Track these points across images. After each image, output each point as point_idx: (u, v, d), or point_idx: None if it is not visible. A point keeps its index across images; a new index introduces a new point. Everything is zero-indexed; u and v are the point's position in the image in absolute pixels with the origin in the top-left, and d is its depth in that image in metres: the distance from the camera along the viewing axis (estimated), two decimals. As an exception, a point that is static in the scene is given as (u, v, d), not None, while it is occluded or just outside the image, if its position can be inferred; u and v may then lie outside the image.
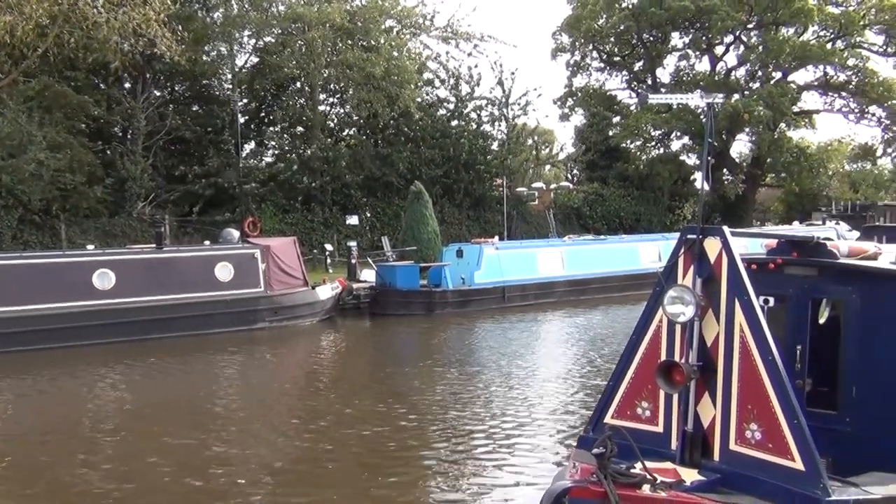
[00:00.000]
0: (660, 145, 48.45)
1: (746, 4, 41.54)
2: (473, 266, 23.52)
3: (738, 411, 4.80)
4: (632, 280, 25.12)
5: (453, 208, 36.14)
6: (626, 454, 4.55)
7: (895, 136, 46.57)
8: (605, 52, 48.29)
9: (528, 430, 10.47)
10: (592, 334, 19.29)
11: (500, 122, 39.63)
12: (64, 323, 17.09)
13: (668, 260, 5.28)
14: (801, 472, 4.45)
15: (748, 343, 4.75)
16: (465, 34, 34.75)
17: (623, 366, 5.47)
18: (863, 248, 6.20)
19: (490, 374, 14.34)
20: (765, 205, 56.78)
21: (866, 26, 44.92)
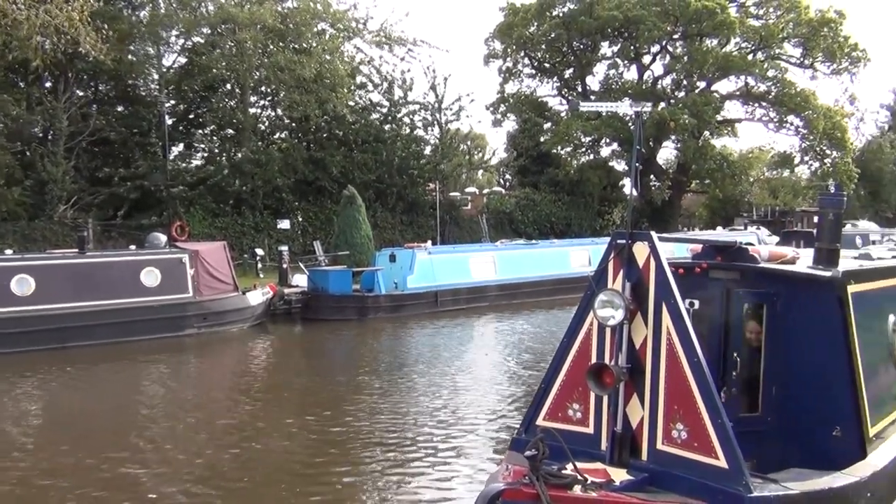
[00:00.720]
0: (590, 151, 49.37)
1: (672, 16, 42.69)
2: (406, 271, 23.51)
3: (665, 412, 4.92)
4: (563, 284, 25.46)
5: (386, 213, 36.07)
6: (558, 455, 4.60)
7: (811, 146, 48.44)
8: (537, 59, 48.94)
9: (461, 435, 10.50)
10: (524, 338, 19.48)
11: (434, 127, 39.79)
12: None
13: (598, 264, 5.38)
14: (725, 470, 4.59)
15: (675, 345, 4.88)
16: (398, 38, 34.79)
17: (554, 368, 5.55)
18: (782, 252, 6.45)
19: (422, 379, 14.34)
20: (690, 210, 58.39)
21: (785, 39, 46.73)
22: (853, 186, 48.80)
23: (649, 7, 42.11)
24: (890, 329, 6.61)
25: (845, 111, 50.91)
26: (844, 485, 5.02)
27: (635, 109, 5.41)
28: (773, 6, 46.58)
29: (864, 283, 6.21)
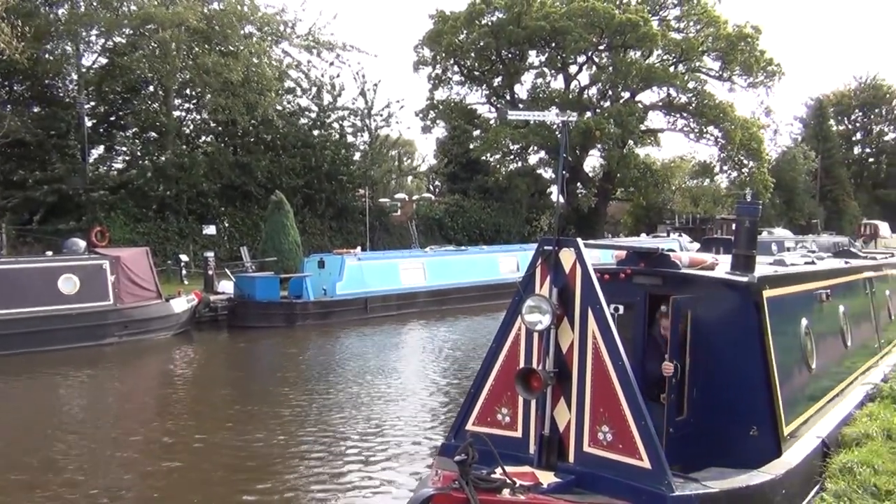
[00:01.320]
0: (518, 159, 50.01)
1: (597, 27, 43.64)
2: (335, 277, 23.33)
3: (591, 415, 5.01)
4: (491, 290, 25.69)
5: (315, 218, 35.70)
6: (487, 460, 4.64)
7: (730, 156, 50.19)
8: (466, 67, 49.32)
9: (391, 442, 10.48)
10: (453, 344, 19.55)
11: (363, 133, 39.62)
12: None
13: (525, 270, 5.46)
14: (648, 470, 4.71)
15: (600, 349, 4.99)
16: (326, 43, 34.52)
17: (483, 373, 5.59)
18: (702, 258, 6.67)
19: (351, 386, 14.22)
20: (615, 217, 59.65)
21: (704, 52, 48.33)
22: (769, 195, 50.78)
23: (575, 18, 42.95)
24: (802, 332, 6.90)
25: (761, 123, 52.94)
26: (761, 482, 5.21)
27: (562, 119, 5.51)
28: (693, 20, 48.17)
29: (778, 288, 6.47)
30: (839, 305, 8.26)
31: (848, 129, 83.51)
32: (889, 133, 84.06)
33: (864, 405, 7.93)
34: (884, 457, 6.31)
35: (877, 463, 6.11)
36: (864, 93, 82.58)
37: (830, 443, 6.62)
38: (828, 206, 69.56)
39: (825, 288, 7.78)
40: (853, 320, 8.84)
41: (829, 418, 7.10)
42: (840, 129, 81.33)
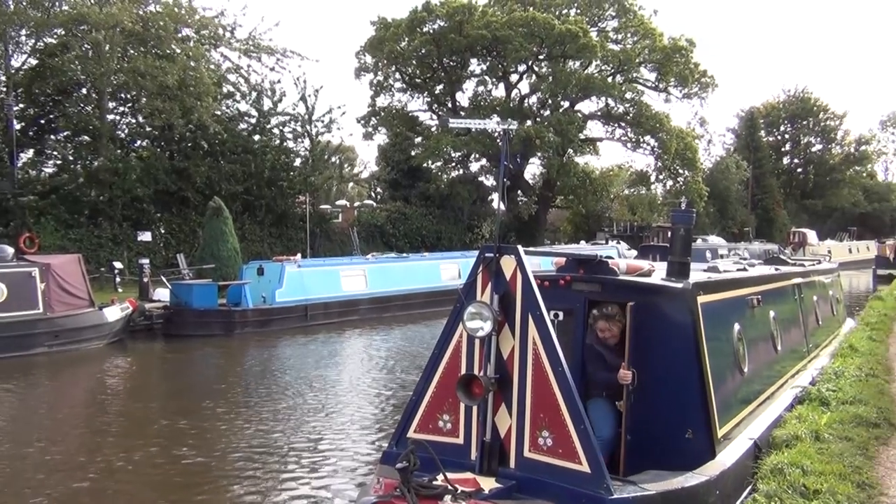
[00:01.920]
0: (459, 166, 50.25)
1: (538, 37, 44.20)
2: (275, 284, 23.03)
3: (531, 420, 5.06)
4: (433, 297, 25.70)
5: (254, 225, 35.22)
6: (429, 467, 4.65)
7: (666, 165, 51.36)
8: (408, 74, 49.38)
9: (332, 452, 10.38)
10: (395, 351, 19.50)
11: (304, 139, 39.31)
12: None
13: (467, 277, 5.48)
14: (587, 474, 4.77)
15: (540, 355, 5.04)
16: (267, 48, 34.14)
17: (425, 380, 5.59)
18: (639, 265, 6.79)
19: (291, 395, 14.05)
20: (555, 224, 60.41)
21: (641, 64, 49.45)
22: (703, 204, 52.14)
23: (516, 28, 43.44)
24: (735, 337, 7.09)
25: (696, 133, 54.48)
26: (696, 484, 5.33)
27: (503, 127, 5.55)
28: (630, 32, 49.25)
29: (712, 294, 6.64)
30: (770, 311, 8.51)
31: (777, 140, 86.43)
32: (816, 145, 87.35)
33: (793, 407, 8.17)
34: (812, 457, 6.51)
35: (805, 463, 6.30)
36: (792, 105, 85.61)
37: (762, 444, 6.80)
38: (759, 215, 71.79)
39: (757, 294, 8.01)
40: (783, 325, 9.12)
41: (760, 420, 7.30)
42: (770, 140, 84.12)
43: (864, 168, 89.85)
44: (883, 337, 15.44)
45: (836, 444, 7.08)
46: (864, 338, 13.68)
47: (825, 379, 9.52)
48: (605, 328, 6.16)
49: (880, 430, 8.20)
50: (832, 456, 6.73)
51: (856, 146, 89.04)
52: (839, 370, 10.03)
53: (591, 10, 49.28)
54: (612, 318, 6.14)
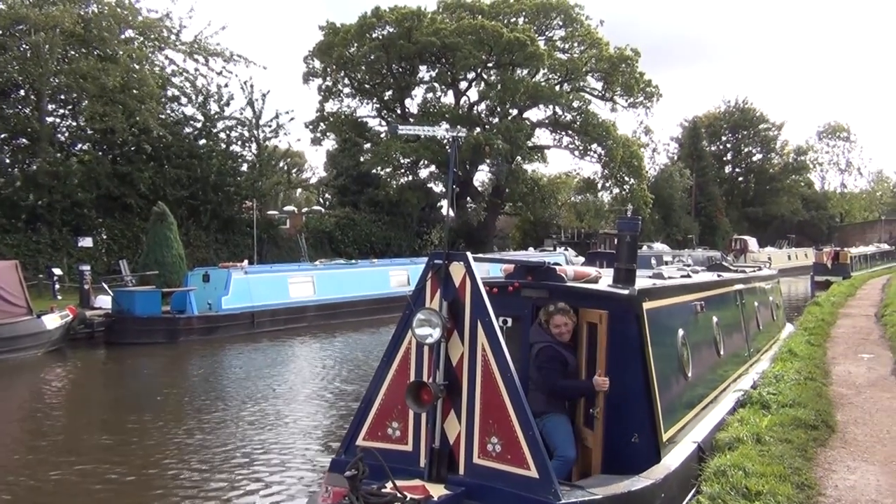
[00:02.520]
0: (409, 173, 50.30)
1: (486, 45, 44.54)
2: (221, 291, 22.68)
3: (480, 426, 5.07)
4: (382, 304, 25.62)
5: (200, 231, 34.62)
6: (378, 475, 4.62)
7: (612, 173, 52.18)
8: (357, 80, 49.25)
9: (280, 461, 10.23)
10: (343, 358, 19.35)
11: (251, 144, 38.82)
12: None
13: (416, 284, 5.47)
14: (536, 480, 4.80)
15: (489, 362, 5.05)
16: (213, 51, 33.66)
17: (374, 388, 5.56)
18: (586, 271, 6.87)
19: (236, 404, 13.78)
20: (504, 231, 60.83)
21: (588, 73, 50.22)
22: (648, 211, 53.11)
23: (465, 35, 43.71)
24: (679, 342, 7.21)
25: (641, 142, 55.42)
26: (642, 487, 5.40)
27: (452, 134, 5.57)
28: (577, 42, 49.97)
29: (657, 300, 6.74)
30: (713, 316, 8.68)
31: (720, 149, 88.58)
32: (756, 154, 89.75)
33: (735, 411, 8.34)
34: (754, 459, 6.66)
35: (747, 465, 6.44)
36: (733, 116, 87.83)
37: (705, 447, 6.93)
38: (702, 222, 73.37)
39: (700, 300, 8.16)
40: (725, 330, 9.31)
41: (704, 424, 7.43)
42: (713, 149, 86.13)
43: (802, 177, 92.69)
44: (820, 341, 15.90)
45: (776, 447, 7.25)
46: (803, 342, 14.06)
47: (766, 383, 9.75)
48: (562, 322, 6.02)
49: (818, 431, 8.43)
50: (773, 458, 6.89)
51: (794, 156, 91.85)
52: (779, 374, 10.28)
53: (538, 19, 49.86)
54: (568, 312, 6.03)
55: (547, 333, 6.06)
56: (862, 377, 12.47)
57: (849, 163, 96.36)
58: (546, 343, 6.01)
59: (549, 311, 6.07)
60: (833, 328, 19.36)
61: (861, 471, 7.37)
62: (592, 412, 5.94)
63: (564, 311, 6.03)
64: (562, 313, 6.03)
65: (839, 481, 7.04)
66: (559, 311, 6.03)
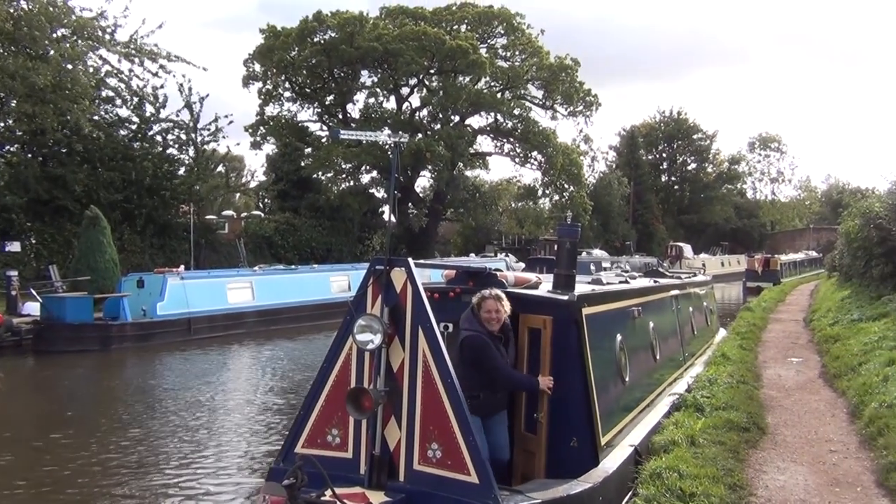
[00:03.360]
0: (350, 178, 50.00)
1: (429, 51, 44.66)
2: (156, 297, 22.16)
3: (421, 432, 5.06)
4: (323, 309, 25.40)
5: (135, 235, 33.74)
6: (317, 483, 4.57)
7: (552, 180, 52.82)
8: (298, 84, 48.80)
9: (217, 470, 10.03)
10: (283, 365, 19.12)
11: (189, 147, 38.03)
12: None
13: (357, 290, 5.45)
14: (476, 485, 4.81)
15: (430, 367, 5.05)
16: (149, 52, 32.88)
17: (313, 394, 5.51)
18: (527, 277, 6.93)
19: (171, 413, 13.46)
20: (445, 237, 61.01)
21: (529, 81, 50.79)
22: (587, 218, 53.92)
23: (407, 42, 43.76)
24: (617, 347, 7.33)
25: (581, 150, 56.26)
26: (580, 491, 5.46)
27: (394, 139, 5.57)
28: (518, 50, 50.50)
29: (595, 305, 6.84)
30: (649, 322, 8.85)
31: (656, 158, 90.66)
32: (691, 163, 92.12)
33: (671, 414, 8.51)
34: (688, 462, 6.80)
35: (682, 468, 6.57)
36: (668, 126, 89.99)
37: (642, 450, 7.05)
38: (639, 229, 74.90)
39: (637, 305, 8.32)
40: (661, 335, 9.51)
41: (640, 427, 7.56)
42: (649, 158, 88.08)
43: (734, 186, 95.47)
44: (752, 346, 16.37)
45: (710, 449, 7.42)
46: (735, 346, 14.45)
47: (700, 386, 9.98)
48: (493, 308, 5.85)
49: (750, 433, 8.66)
50: (706, 460, 7.05)
51: (727, 165, 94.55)
52: (712, 377, 10.54)
53: (480, 27, 50.22)
54: (501, 300, 5.90)
55: (476, 320, 5.88)
56: (791, 380, 12.88)
57: (779, 172, 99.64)
58: (474, 332, 5.83)
59: (484, 295, 5.90)
60: (764, 333, 19.95)
61: (790, 471, 7.61)
62: (536, 417, 5.99)
63: (498, 298, 5.88)
64: (495, 299, 5.87)
65: (769, 481, 7.24)
66: (493, 297, 5.88)
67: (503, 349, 5.91)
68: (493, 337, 5.84)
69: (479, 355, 5.74)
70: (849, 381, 11.55)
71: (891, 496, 6.77)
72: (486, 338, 5.77)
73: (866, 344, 13.58)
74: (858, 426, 9.25)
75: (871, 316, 17.11)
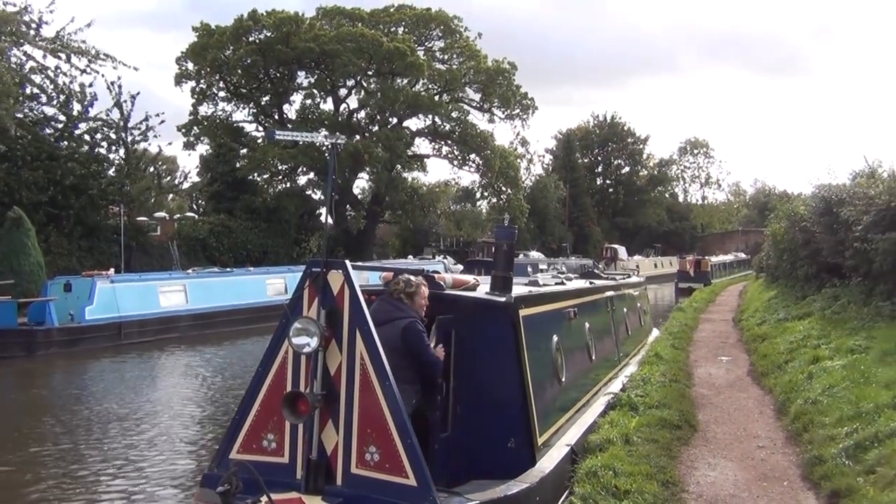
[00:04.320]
0: (287, 179, 49.43)
1: (366, 53, 44.46)
2: (84, 301, 21.48)
3: (358, 436, 5.02)
4: (259, 313, 25.02)
5: (62, 237, 32.63)
6: (252, 489, 4.49)
7: (490, 182, 53.20)
8: (233, 84, 47.99)
9: (147, 479, 9.74)
10: (218, 369, 18.74)
11: (119, 147, 36.97)
12: None
13: (293, 292, 5.38)
14: (414, 488, 4.80)
15: (368, 370, 5.02)
16: (77, 49, 31.87)
17: (249, 399, 5.42)
18: (465, 279, 6.95)
19: (100, 421, 12.98)
20: (384, 239, 60.81)
21: (466, 84, 51.08)
22: (524, 220, 54.44)
23: (344, 43, 43.49)
24: (553, 348, 7.41)
25: (518, 153, 56.74)
26: (517, 491, 5.50)
27: (330, 141, 5.51)
28: (455, 53, 50.72)
29: (533, 307, 6.91)
30: (585, 322, 8.98)
31: (591, 161, 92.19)
32: (625, 167, 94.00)
33: (606, 413, 8.66)
34: (623, 460, 6.92)
35: (617, 466, 6.69)
36: (603, 130, 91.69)
37: (578, 450, 7.14)
38: (575, 232, 76.03)
39: (573, 307, 8.43)
40: (597, 336, 9.66)
41: (576, 427, 7.66)
42: (585, 161, 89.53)
43: (666, 189, 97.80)
44: (684, 345, 16.78)
45: (643, 447, 7.56)
46: (668, 346, 14.79)
47: (634, 385, 10.17)
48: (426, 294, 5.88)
49: (682, 431, 8.87)
50: (640, 457, 7.19)
51: (658, 169, 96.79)
52: (646, 377, 10.76)
53: (418, 30, 50.26)
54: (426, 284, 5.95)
55: (407, 307, 5.82)
56: (721, 378, 13.24)
57: (708, 176, 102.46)
58: (412, 318, 5.75)
59: (414, 282, 5.88)
60: (695, 332, 20.47)
61: (721, 467, 7.81)
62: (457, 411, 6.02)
63: (425, 283, 5.95)
64: (425, 285, 5.93)
65: (701, 478, 7.43)
66: (424, 283, 5.92)
67: None
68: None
69: (421, 342, 5.67)
70: (776, 379, 11.94)
71: (815, 489, 7.01)
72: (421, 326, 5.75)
73: (792, 342, 14.06)
74: (785, 422, 9.56)
75: (796, 315, 17.72)
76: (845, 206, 15.59)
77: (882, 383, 8.82)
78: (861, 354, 10.92)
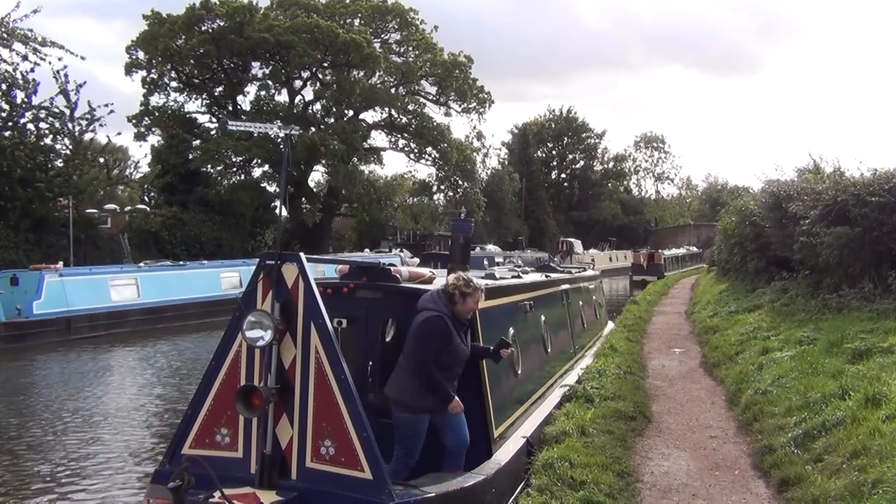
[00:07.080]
0: (241, 172, 48.76)
1: (322, 44, 44.02)
2: (32, 295, 20.98)
3: (313, 429, 4.97)
4: (212, 306, 24.71)
5: (7, 230, 31.72)
6: (205, 484, 4.42)
7: (447, 175, 53.23)
8: (185, 74, 47.10)
9: (98, 476, 9.54)
10: (170, 364, 18.45)
11: (64, 137, 35.98)
12: None
13: (247, 285, 5.30)
14: (370, 481, 4.77)
15: (323, 364, 4.97)
16: (21, 35, 30.96)
17: (202, 393, 5.33)
18: (421, 272, 6.93)
19: (48, 418, 12.68)
20: (340, 232, 60.44)
21: (423, 77, 50.94)
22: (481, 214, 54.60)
23: (300, 34, 42.97)
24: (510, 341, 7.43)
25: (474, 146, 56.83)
26: (473, 483, 5.51)
27: (285, 132, 5.44)
28: (412, 46, 50.55)
29: (489, 300, 6.91)
30: (541, 315, 9.02)
31: (547, 155, 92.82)
32: (580, 161, 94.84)
33: (562, 405, 8.71)
34: (579, 451, 6.98)
35: (573, 457, 6.74)
36: (558, 124, 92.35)
37: (534, 441, 7.18)
38: (531, 225, 76.47)
39: (529, 300, 8.46)
40: (552, 329, 9.72)
41: (532, 419, 7.70)
42: (540, 155, 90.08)
43: (620, 183, 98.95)
44: (638, 338, 17.01)
45: (599, 438, 7.64)
46: (623, 339, 14.96)
47: (589, 377, 10.26)
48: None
49: (636, 422, 8.99)
50: (596, 449, 7.26)
51: (614, 163, 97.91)
52: (601, 369, 10.86)
53: (374, 22, 49.96)
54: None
55: (449, 304, 5.79)
56: (674, 370, 13.45)
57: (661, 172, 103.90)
58: (439, 313, 5.71)
59: (473, 284, 5.90)
60: (649, 325, 20.77)
61: (674, 457, 7.93)
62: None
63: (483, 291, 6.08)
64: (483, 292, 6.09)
65: (655, 468, 7.53)
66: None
67: (465, 341, 5.90)
68: (461, 325, 5.82)
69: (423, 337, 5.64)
70: (727, 370, 12.16)
71: (766, 477, 7.16)
72: (450, 324, 5.67)
73: (742, 334, 14.33)
74: (736, 412, 9.75)
75: (746, 308, 18.07)
76: (793, 201, 15.91)
77: (829, 373, 9.03)
78: (809, 346, 11.16)
